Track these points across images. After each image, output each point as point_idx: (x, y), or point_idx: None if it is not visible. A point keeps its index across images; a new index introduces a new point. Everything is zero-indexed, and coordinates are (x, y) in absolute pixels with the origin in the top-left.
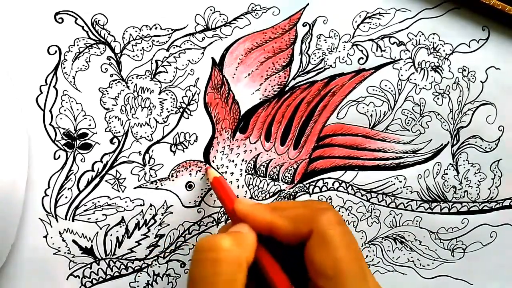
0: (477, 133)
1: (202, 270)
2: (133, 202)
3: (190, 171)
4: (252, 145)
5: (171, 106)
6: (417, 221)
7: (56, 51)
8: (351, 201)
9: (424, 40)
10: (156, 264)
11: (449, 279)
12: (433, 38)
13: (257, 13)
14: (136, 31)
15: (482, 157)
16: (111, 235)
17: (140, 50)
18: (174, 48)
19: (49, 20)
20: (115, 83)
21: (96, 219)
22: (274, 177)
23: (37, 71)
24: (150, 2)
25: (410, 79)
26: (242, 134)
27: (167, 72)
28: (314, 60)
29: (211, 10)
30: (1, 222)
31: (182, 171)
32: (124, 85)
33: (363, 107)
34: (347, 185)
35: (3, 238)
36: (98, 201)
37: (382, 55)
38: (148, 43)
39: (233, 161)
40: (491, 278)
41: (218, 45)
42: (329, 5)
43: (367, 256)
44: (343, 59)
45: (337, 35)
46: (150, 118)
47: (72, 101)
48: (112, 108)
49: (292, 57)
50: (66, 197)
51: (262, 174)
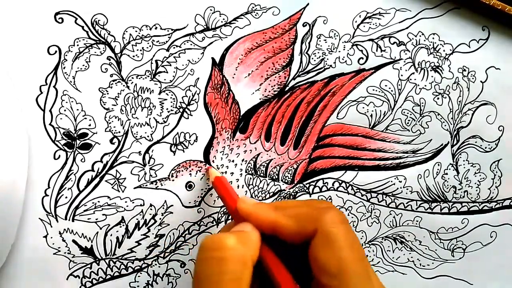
0: (477, 133)
1: (207, 268)
2: (133, 202)
3: (190, 171)
4: (252, 145)
5: (171, 106)
6: (417, 221)
7: (56, 51)
8: (351, 201)
9: (424, 40)
10: (156, 264)
11: (449, 279)
12: (433, 38)
13: (257, 13)
14: (136, 31)
15: (482, 157)
16: (111, 235)
17: (140, 50)
18: (174, 48)
19: (49, 20)
20: (115, 83)
21: (96, 219)
22: (274, 177)
23: (37, 71)
24: (150, 2)
25: (410, 79)
26: (242, 134)
27: (167, 72)
28: (314, 60)
29: (211, 10)
30: (1, 222)
31: (182, 171)
32: (124, 85)
33: (363, 107)
34: (347, 185)
35: (3, 238)
36: (98, 201)
37: (382, 55)
38: (148, 43)
39: (233, 161)
40: (491, 278)
41: (218, 45)
42: (329, 5)
43: (367, 256)
44: (343, 59)
45: (337, 35)
46: (150, 118)
47: (72, 101)
48: (112, 108)
49: (292, 57)
50: (66, 197)
51: (262, 174)
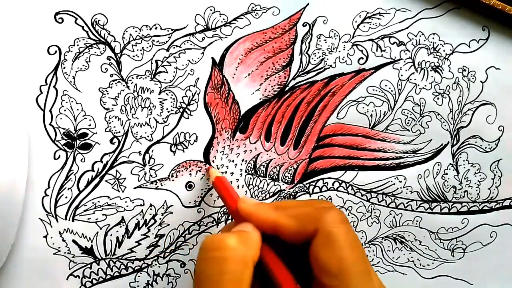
0: (477, 133)
1: (208, 268)
2: (133, 202)
3: (190, 171)
4: (252, 145)
5: (171, 106)
6: (417, 221)
7: (56, 51)
8: (351, 201)
9: (424, 40)
10: (156, 264)
11: (449, 279)
12: (433, 38)
13: (257, 13)
14: (136, 31)
15: (482, 157)
16: (111, 235)
17: (140, 50)
18: (174, 48)
19: (49, 20)
20: (115, 83)
21: (96, 219)
22: (274, 177)
23: (37, 71)
24: (150, 2)
25: (410, 79)
26: (242, 134)
27: (167, 72)
28: (314, 60)
29: (211, 10)
30: (1, 222)
31: (182, 171)
32: (124, 85)
33: (363, 107)
34: (347, 185)
35: (3, 238)
36: (98, 201)
37: (382, 55)
38: (148, 43)
39: (233, 161)
40: (491, 278)
41: (218, 45)
42: (329, 5)
43: (367, 256)
44: (343, 59)
45: (337, 35)
46: (150, 118)
47: (72, 101)
48: (112, 108)
49: (292, 57)
50: (66, 197)
51: (262, 174)
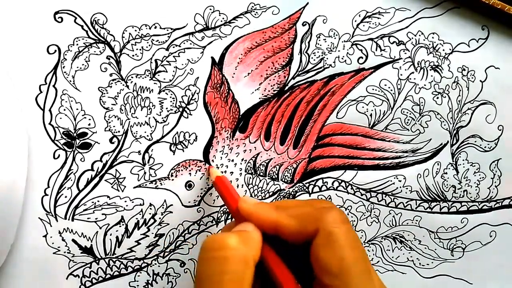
0: (476, 132)
1: (209, 268)
2: (132, 202)
3: (190, 170)
4: (251, 144)
5: (171, 105)
6: (416, 220)
7: (55, 51)
8: (350, 201)
9: (424, 40)
10: (155, 264)
11: (449, 279)
12: (432, 37)
13: (256, 12)
14: (135, 31)
15: (481, 156)
16: (110, 234)
17: (140, 50)
18: (173, 47)
19: (48, 19)
20: (115, 83)
21: (96, 218)
22: (273, 177)
23: (36, 70)
24: (149, 2)
25: (410, 79)
26: (241, 134)
27: (166, 72)
28: (314, 60)
29: (210, 9)
30: (1, 221)
31: (181, 170)
32: (123, 85)
33: (363, 107)
34: (347, 184)
35: (3, 237)
36: (98, 201)
37: (381, 54)
38: (147, 43)
39: (232, 160)
40: (490, 277)
41: (217, 45)
42: (328, 5)
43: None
44: (342, 58)
45: (336, 35)
46: (149, 118)
47: (71, 101)
48: (112, 108)
49: (291, 57)
50: (65, 197)
51: (261, 174)
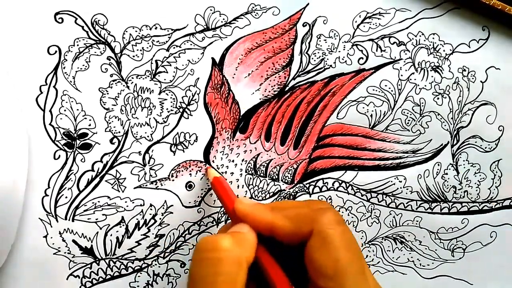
0: (477, 133)
1: (202, 269)
2: (133, 202)
3: (190, 171)
4: (252, 145)
5: (171, 106)
6: (417, 221)
7: (56, 51)
8: (351, 201)
9: (424, 40)
10: (156, 264)
11: (449, 279)
12: (433, 38)
13: (257, 13)
14: (136, 31)
15: (482, 157)
16: (111, 235)
17: (140, 50)
18: (174, 48)
19: (49, 20)
20: (115, 83)
21: (96, 219)
22: (274, 177)
23: (37, 71)
24: (150, 2)
25: (410, 79)
26: (242, 134)
27: (167, 72)
28: (314, 60)
29: (211, 10)
30: (1, 222)
31: (182, 171)
32: (124, 85)
33: (363, 107)
34: (347, 185)
35: (3, 238)
36: (98, 201)
37: (382, 55)
38: (148, 43)
39: (233, 161)
40: (491, 278)
41: (218, 45)
42: (329, 5)
43: (367, 256)
44: (343, 59)
45: (337, 35)
46: (150, 118)
47: (72, 101)
48: (112, 108)
49: (292, 57)
50: (66, 197)
51: (262, 174)
